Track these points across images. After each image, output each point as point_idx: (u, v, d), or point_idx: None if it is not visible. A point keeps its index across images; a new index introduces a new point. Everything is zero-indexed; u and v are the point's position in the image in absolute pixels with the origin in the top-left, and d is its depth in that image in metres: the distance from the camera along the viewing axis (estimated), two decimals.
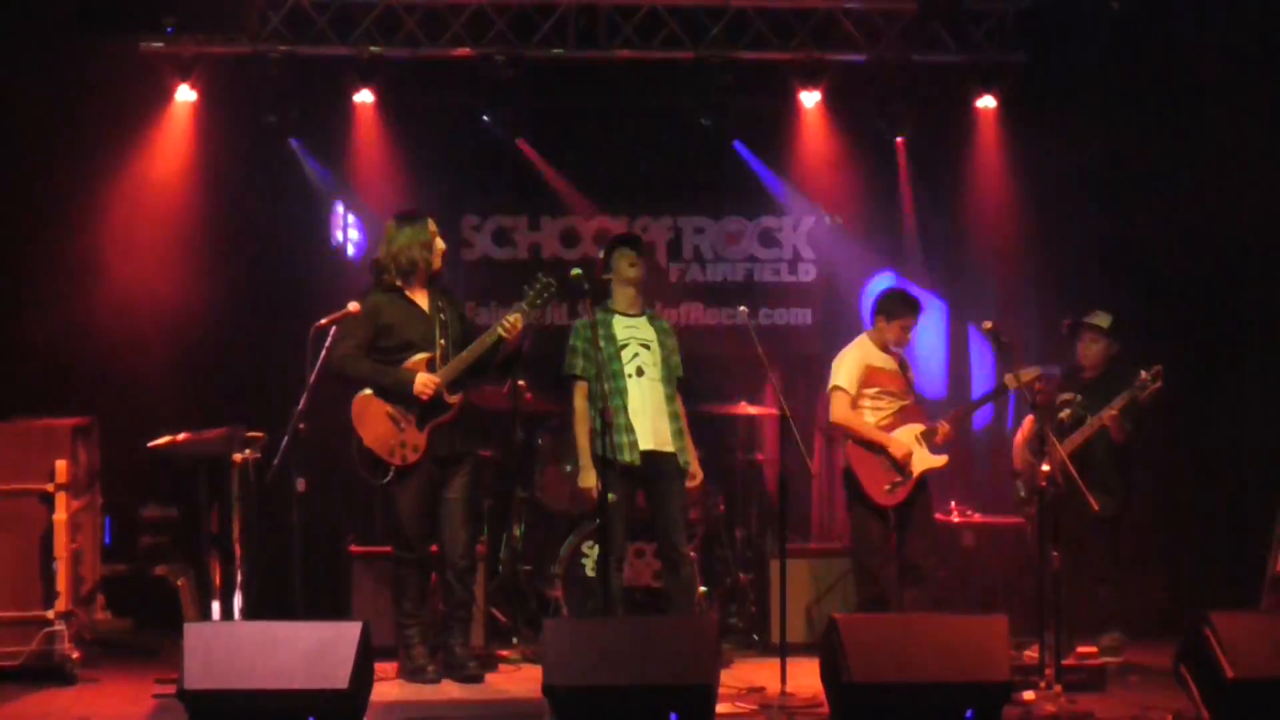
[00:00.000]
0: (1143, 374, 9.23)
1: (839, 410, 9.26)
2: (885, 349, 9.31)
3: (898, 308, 9.34)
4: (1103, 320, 9.59)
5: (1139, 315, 10.48)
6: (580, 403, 8.84)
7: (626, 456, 8.71)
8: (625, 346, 8.86)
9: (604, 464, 8.44)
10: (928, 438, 9.19)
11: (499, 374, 9.16)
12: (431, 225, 8.90)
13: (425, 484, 8.72)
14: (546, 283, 8.71)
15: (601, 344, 8.75)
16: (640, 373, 8.85)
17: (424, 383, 8.63)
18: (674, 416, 8.91)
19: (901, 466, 9.16)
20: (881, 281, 10.58)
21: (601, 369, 8.72)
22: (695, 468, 8.96)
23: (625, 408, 8.77)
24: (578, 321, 8.97)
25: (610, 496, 8.48)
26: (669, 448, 8.85)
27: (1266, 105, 10.52)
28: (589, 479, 8.70)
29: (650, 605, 9.39)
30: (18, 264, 10.35)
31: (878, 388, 9.25)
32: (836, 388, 9.28)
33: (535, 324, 8.94)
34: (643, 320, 8.98)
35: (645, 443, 8.78)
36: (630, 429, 8.76)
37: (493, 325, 8.71)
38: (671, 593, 8.88)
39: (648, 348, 8.90)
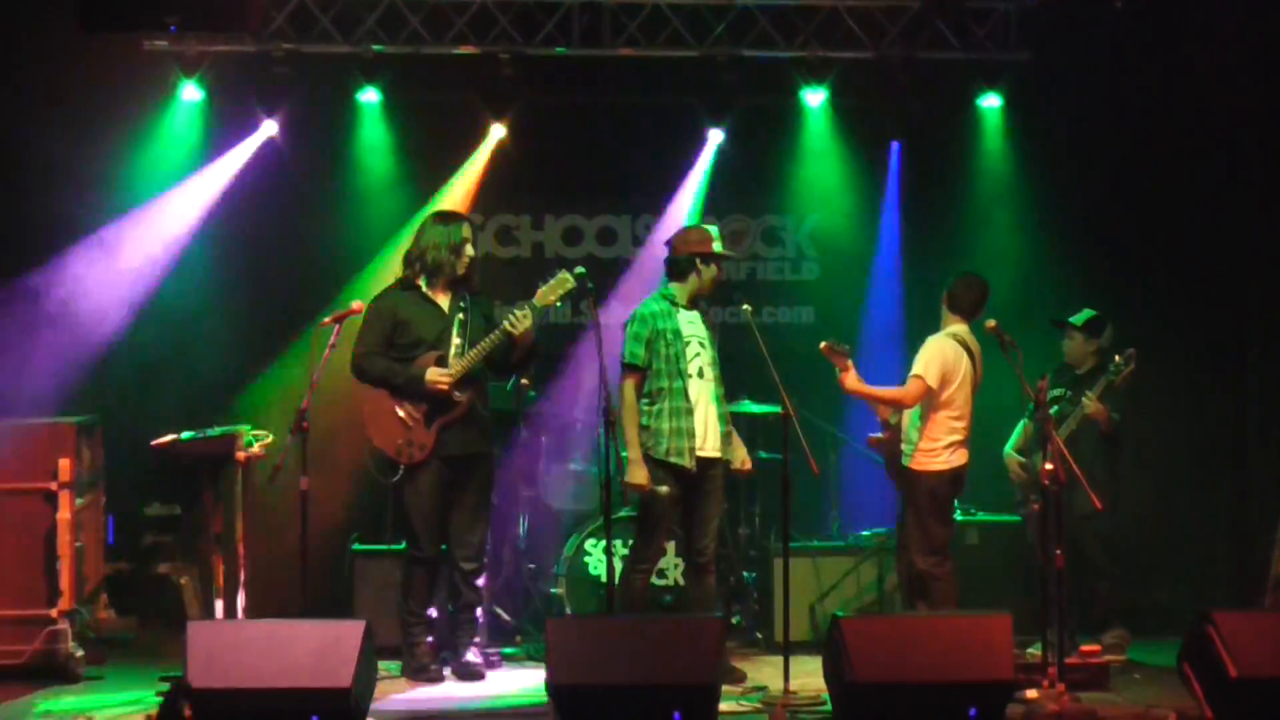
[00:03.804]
0: (1116, 358, 9.26)
1: None
2: None
3: None
4: (1077, 318, 9.61)
5: (1142, 312, 10.49)
6: (631, 394, 8.68)
7: (686, 461, 8.65)
8: (688, 344, 8.75)
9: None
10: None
11: (515, 371, 9.15)
12: (466, 230, 8.85)
13: (435, 483, 8.71)
14: (561, 279, 8.69)
15: (670, 339, 8.70)
16: (701, 374, 8.76)
17: (434, 376, 8.63)
18: (723, 418, 8.85)
19: None
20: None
21: (665, 365, 8.67)
22: (745, 455, 8.98)
23: (689, 410, 8.70)
24: (646, 310, 8.77)
25: (663, 489, 8.52)
26: (719, 453, 8.80)
27: (1269, 103, 10.51)
28: (639, 475, 8.58)
29: (654, 603, 9.39)
30: (21, 262, 10.36)
31: None
32: None
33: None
34: (698, 315, 8.88)
35: (701, 449, 8.71)
36: (691, 434, 8.67)
37: (501, 322, 8.72)
38: (694, 598, 8.89)
39: (705, 346, 8.81)
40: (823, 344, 8.81)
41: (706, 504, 8.80)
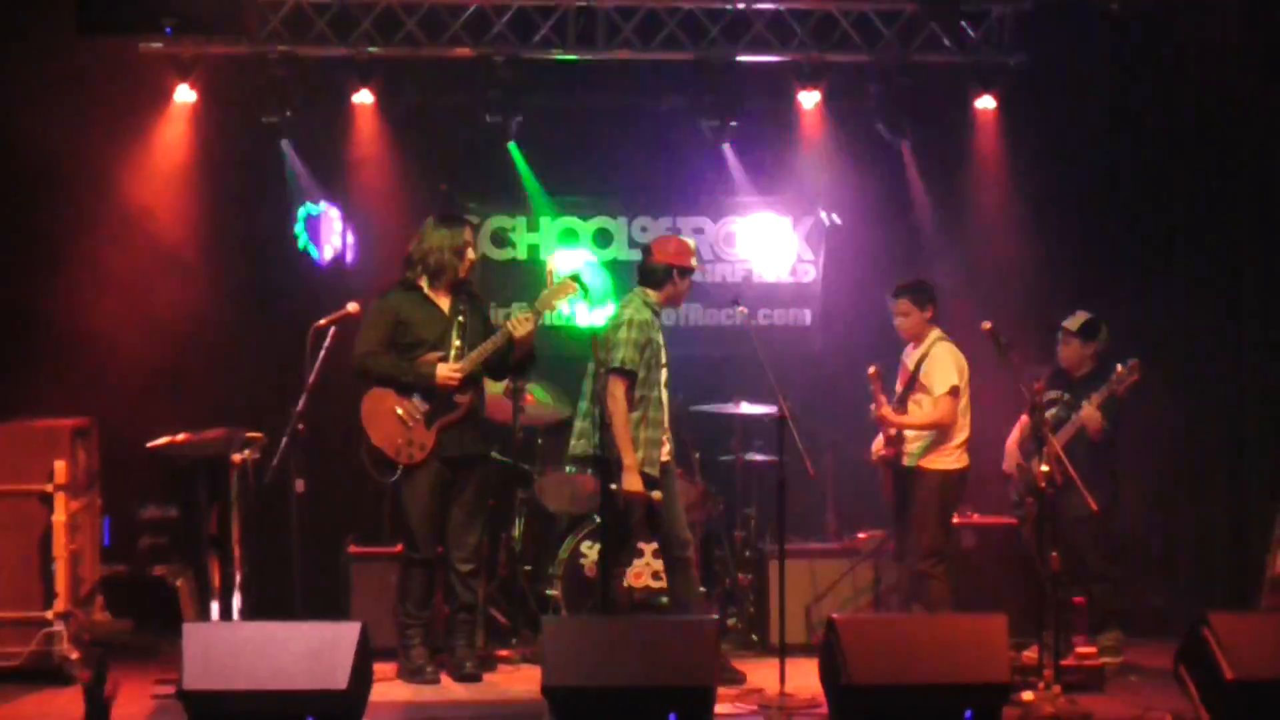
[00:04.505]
0: (1119, 367, 9.26)
1: None
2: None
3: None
4: (1072, 322, 9.62)
5: (1137, 314, 10.49)
6: (624, 400, 8.62)
7: (655, 471, 8.68)
8: (662, 351, 8.81)
9: (599, 463, 8.45)
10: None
11: (513, 373, 9.14)
12: (468, 233, 8.90)
13: (434, 484, 8.71)
14: (564, 283, 8.70)
15: (655, 349, 8.69)
16: (667, 384, 8.81)
17: (446, 372, 8.64)
18: (671, 424, 8.93)
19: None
20: None
21: (648, 374, 8.67)
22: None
23: (660, 422, 8.72)
24: (639, 317, 8.75)
25: (657, 494, 8.53)
26: (670, 457, 8.86)
27: (1265, 103, 10.52)
28: (638, 482, 8.57)
29: (648, 605, 9.39)
30: (17, 265, 10.36)
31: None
32: None
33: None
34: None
35: (665, 455, 8.76)
36: (659, 444, 8.71)
37: (503, 325, 8.72)
38: (677, 594, 8.87)
39: (667, 356, 8.86)
40: (872, 368, 8.85)
41: (673, 501, 8.82)
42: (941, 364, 9.16)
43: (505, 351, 8.73)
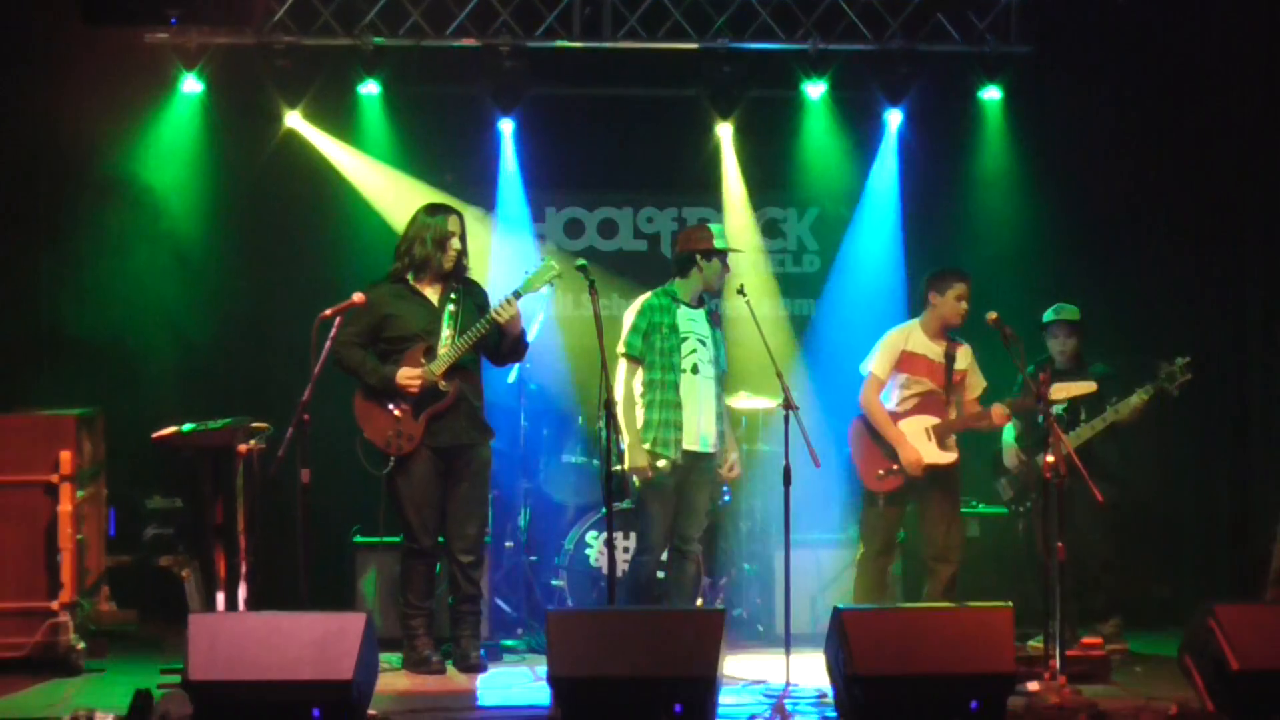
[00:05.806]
0: (1168, 366, 9.24)
1: (864, 394, 9.24)
2: (938, 333, 9.21)
3: (945, 278, 9.19)
4: (1072, 314, 9.61)
5: (1143, 306, 10.48)
6: (627, 383, 8.73)
7: (671, 453, 8.68)
8: (685, 340, 8.78)
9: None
10: (939, 432, 9.13)
11: (508, 359, 9.12)
12: (452, 223, 8.80)
13: (426, 474, 8.70)
14: (547, 266, 8.69)
15: (666, 333, 8.72)
16: (695, 370, 8.78)
17: (406, 377, 8.62)
18: (719, 416, 8.89)
19: (902, 464, 9.13)
20: None
21: (659, 358, 8.70)
22: (735, 460, 9.00)
23: (677, 404, 8.72)
24: (646, 302, 8.83)
25: (662, 463, 8.60)
26: (710, 448, 8.83)
27: (1270, 95, 10.50)
28: (639, 458, 8.63)
29: (661, 595, 9.39)
30: (22, 255, 10.36)
31: (908, 375, 9.20)
32: (869, 372, 9.26)
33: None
34: (701, 313, 8.90)
35: (689, 443, 8.73)
36: (677, 427, 8.70)
37: (488, 311, 8.70)
38: (672, 586, 8.88)
39: (704, 344, 8.83)
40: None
41: (695, 494, 8.84)
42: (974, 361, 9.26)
43: (496, 339, 8.72)
